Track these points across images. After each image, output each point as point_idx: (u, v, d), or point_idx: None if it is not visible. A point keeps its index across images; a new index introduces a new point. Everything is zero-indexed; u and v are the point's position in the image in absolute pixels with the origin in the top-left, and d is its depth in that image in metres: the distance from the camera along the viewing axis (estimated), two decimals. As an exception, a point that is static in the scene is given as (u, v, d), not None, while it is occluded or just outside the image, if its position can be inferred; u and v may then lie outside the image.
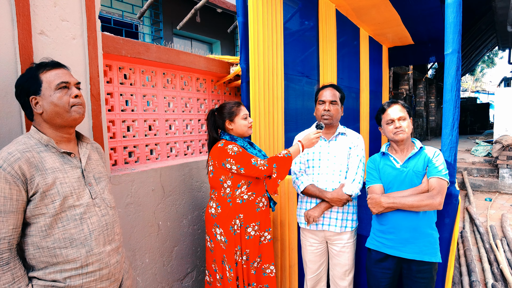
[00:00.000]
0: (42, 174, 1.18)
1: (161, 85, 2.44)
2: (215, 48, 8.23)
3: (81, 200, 1.27)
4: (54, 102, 1.22)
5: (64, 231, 1.21)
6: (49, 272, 1.20)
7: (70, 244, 1.22)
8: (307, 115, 3.54)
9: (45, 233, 1.19)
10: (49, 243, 1.19)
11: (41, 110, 1.22)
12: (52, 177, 1.20)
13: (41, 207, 1.18)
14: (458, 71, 1.95)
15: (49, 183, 1.19)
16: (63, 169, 1.24)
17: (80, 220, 1.25)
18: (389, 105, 1.92)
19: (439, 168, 1.80)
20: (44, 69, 1.24)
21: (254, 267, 1.98)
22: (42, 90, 1.22)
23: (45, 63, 1.26)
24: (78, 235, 1.24)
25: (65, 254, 1.21)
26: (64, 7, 1.59)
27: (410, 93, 11.27)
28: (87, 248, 1.25)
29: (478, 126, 17.38)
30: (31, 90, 1.22)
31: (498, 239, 3.87)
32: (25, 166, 1.15)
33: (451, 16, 1.94)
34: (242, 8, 2.64)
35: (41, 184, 1.17)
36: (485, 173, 6.84)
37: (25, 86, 1.23)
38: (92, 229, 1.28)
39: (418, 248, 1.80)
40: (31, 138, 1.23)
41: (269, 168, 1.88)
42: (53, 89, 1.22)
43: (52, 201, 1.19)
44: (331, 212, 2.08)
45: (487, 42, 12.40)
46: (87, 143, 1.39)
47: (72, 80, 1.28)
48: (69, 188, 1.23)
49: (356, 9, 4.25)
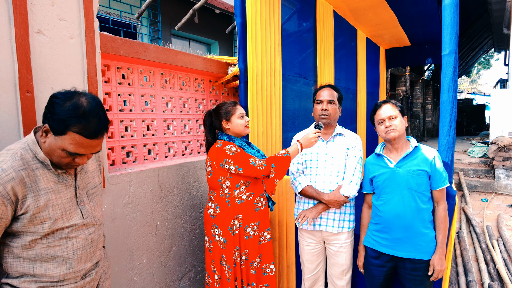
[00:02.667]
0: (34, 195, 1.14)
1: (159, 85, 2.43)
2: (213, 49, 8.23)
3: (71, 221, 1.24)
4: (58, 155, 1.15)
5: (47, 247, 1.19)
6: (24, 281, 1.18)
7: (52, 260, 1.20)
8: (304, 115, 3.54)
9: (28, 246, 1.16)
10: (30, 255, 1.17)
11: (46, 144, 1.15)
12: (45, 199, 1.16)
13: (29, 226, 1.15)
14: (455, 72, 1.97)
15: (40, 206, 1.15)
16: (56, 189, 1.20)
17: (66, 239, 1.23)
18: (380, 105, 1.94)
19: (443, 175, 1.83)
20: (75, 127, 1.10)
21: (254, 267, 1.98)
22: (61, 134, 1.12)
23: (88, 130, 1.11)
24: (62, 252, 1.22)
25: (44, 268, 1.19)
26: (62, 6, 1.59)
27: (407, 94, 11.32)
28: (67, 266, 1.23)
29: (474, 127, 17.50)
30: (55, 127, 1.11)
31: (494, 239, 3.90)
32: (18, 188, 1.10)
33: (448, 17, 1.96)
34: (240, 9, 2.64)
35: (32, 206, 1.13)
36: (481, 173, 6.88)
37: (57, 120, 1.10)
38: (76, 247, 1.26)
39: (412, 247, 1.81)
40: (28, 151, 1.15)
41: (267, 168, 1.88)
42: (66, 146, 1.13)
43: (41, 223, 1.16)
44: (328, 213, 2.08)
45: (483, 44, 12.50)
46: None
47: (87, 153, 1.18)
48: (60, 210, 1.20)
49: (353, 11, 4.26)
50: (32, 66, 1.47)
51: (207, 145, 2.08)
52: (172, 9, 6.57)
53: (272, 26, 2.90)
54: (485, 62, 23.90)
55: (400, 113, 1.89)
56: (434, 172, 1.82)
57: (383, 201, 1.90)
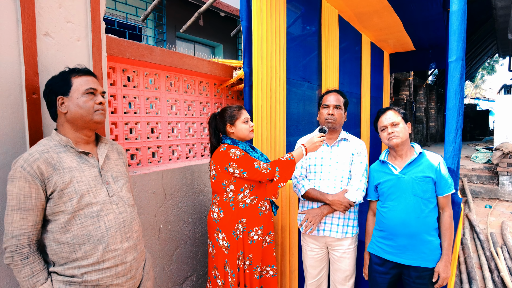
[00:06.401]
0: (59, 173, 1.24)
1: (164, 88, 2.43)
2: (217, 52, 8.24)
3: (98, 198, 1.31)
4: (79, 104, 1.30)
5: (82, 228, 1.27)
6: (68, 268, 1.26)
7: (88, 240, 1.27)
8: (308, 119, 3.54)
9: (64, 229, 1.25)
10: (68, 238, 1.25)
11: (66, 110, 1.30)
12: (69, 176, 1.26)
13: (60, 204, 1.24)
14: (462, 79, 1.95)
15: (66, 182, 1.25)
16: (80, 168, 1.30)
17: (97, 217, 1.30)
18: (383, 112, 1.94)
19: (448, 181, 1.82)
20: (77, 74, 1.33)
21: (258, 272, 1.96)
22: (71, 92, 1.30)
23: (78, 69, 1.35)
24: (96, 231, 1.29)
25: (83, 250, 1.26)
26: (69, 9, 1.59)
27: (411, 99, 11.29)
28: (104, 245, 1.29)
29: (478, 132, 17.41)
30: (60, 90, 1.30)
31: (498, 246, 3.86)
32: (43, 166, 1.22)
33: (456, 23, 1.95)
34: (246, 12, 2.64)
35: (59, 182, 1.24)
36: (485, 180, 6.84)
37: (56, 86, 1.31)
38: (109, 226, 1.32)
39: (417, 254, 1.80)
40: (51, 140, 1.31)
41: (272, 171, 1.87)
42: (81, 93, 1.31)
43: (69, 199, 1.25)
44: (332, 218, 2.07)
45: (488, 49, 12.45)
46: (106, 143, 1.45)
47: (99, 89, 1.37)
48: (85, 186, 1.29)
49: (358, 15, 4.26)
50: (38, 68, 1.47)
51: (211, 148, 2.07)
52: (177, 11, 6.59)
53: (277, 30, 2.90)
54: (490, 67, 23.80)
55: (403, 120, 1.88)
56: (439, 179, 1.80)
57: (388, 208, 1.88)
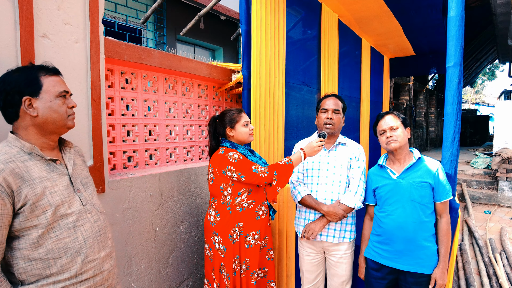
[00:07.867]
0: (29, 184, 1.13)
1: (163, 91, 2.43)
2: (217, 55, 8.26)
3: (73, 208, 1.23)
4: (53, 108, 1.20)
5: (57, 241, 1.17)
6: (41, 285, 1.15)
7: (65, 254, 1.18)
8: (307, 123, 3.54)
9: (36, 244, 1.14)
10: (41, 254, 1.15)
11: (36, 114, 1.18)
12: (41, 187, 1.15)
13: (32, 219, 1.13)
14: (460, 84, 1.95)
15: (38, 194, 1.14)
16: (50, 177, 1.19)
17: (74, 228, 1.22)
18: (382, 116, 1.94)
19: (446, 187, 1.81)
20: (47, 73, 1.22)
21: (254, 277, 1.95)
22: (41, 93, 1.18)
23: (47, 67, 1.24)
24: (73, 243, 1.21)
25: (59, 264, 1.17)
26: (68, 11, 1.60)
27: (411, 103, 11.30)
28: (82, 256, 1.22)
29: (478, 138, 17.40)
30: (27, 90, 1.16)
31: (497, 252, 3.84)
32: (10, 178, 1.09)
33: (453, 29, 1.95)
34: (246, 16, 2.65)
35: (30, 195, 1.12)
36: (485, 185, 6.82)
37: (21, 84, 1.16)
38: (86, 236, 1.25)
39: (414, 260, 1.79)
40: (11, 147, 1.16)
41: (269, 175, 1.87)
42: (54, 96, 1.21)
43: (43, 212, 1.14)
44: (330, 223, 2.06)
45: (488, 55, 12.47)
46: (70, 148, 1.35)
47: (69, 90, 1.28)
48: (59, 197, 1.19)
49: (358, 20, 4.28)
50: (36, 69, 1.47)
51: (211, 151, 2.07)
52: (177, 14, 6.61)
53: (276, 34, 2.90)
54: (490, 73, 23.83)
55: (402, 124, 1.88)
56: (437, 184, 1.80)
57: (385, 213, 1.88)
